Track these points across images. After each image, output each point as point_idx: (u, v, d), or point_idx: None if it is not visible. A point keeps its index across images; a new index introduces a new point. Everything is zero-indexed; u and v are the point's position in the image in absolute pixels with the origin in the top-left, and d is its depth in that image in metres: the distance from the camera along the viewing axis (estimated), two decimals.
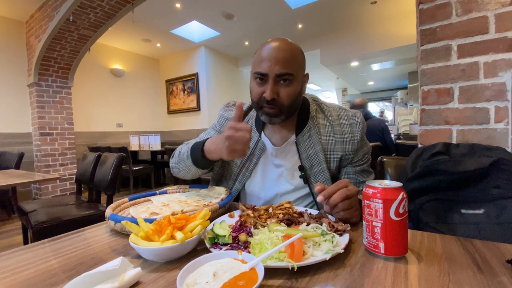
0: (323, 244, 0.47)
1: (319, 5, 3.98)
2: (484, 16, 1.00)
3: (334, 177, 0.83)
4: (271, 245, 0.45)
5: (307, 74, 0.80)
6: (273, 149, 0.84)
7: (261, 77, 0.73)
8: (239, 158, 0.70)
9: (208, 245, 0.50)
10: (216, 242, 0.51)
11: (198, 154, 0.77)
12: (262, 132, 0.87)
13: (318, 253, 0.45)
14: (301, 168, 0.81)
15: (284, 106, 0.74)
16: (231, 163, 0.91)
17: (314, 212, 0.65)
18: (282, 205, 0.66)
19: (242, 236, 0.50)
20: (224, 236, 0.50)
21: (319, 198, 0.57)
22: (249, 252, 0.46)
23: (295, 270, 0.40)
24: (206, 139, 0.78)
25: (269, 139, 0.86)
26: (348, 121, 0.83)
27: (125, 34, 4.71)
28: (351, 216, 0.59)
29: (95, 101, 4.94)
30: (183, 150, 0.85)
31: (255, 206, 0.70)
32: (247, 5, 3.94)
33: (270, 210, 0.65)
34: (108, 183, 1.84)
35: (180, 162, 0.85)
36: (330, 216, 0.62)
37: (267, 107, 0.75)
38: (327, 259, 0.43)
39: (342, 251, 0.45)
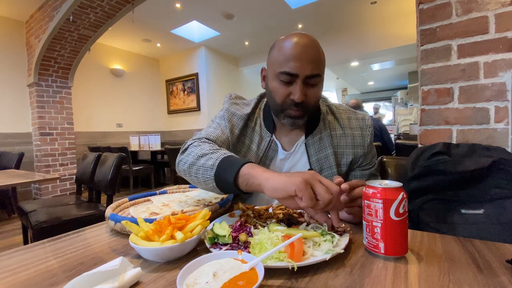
0: (323, 244, 0.47)
1: (319, 5, 3.98)
2: (484, 16, 1.00)
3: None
4: (271, 245, 0.45)
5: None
6: (283, 153, 0.82)
7: (288, 78, 0.68)
8: (306, 213, 0.53)
9: (208, 245, 0.50)
10: (216, 242, 0.51)
11: (230, 176, 0.58)
12: (273, 133, 0.83)
13: (318, 253, 0.45)
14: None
15: (309, 108, 0.72)
16: None
17: None
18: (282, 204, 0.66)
19: (242, 236, 0.50)
20: (224, 236, 0.50)
21: (344, 186, 0.54)
22: (249, 252, 0.46)
23: (295, 270, 0.40)
24: (246, 162, 0.59)
25: (278, 141, 0.83)
26: (359, 124, 0.81)
27: (125, 34, 4.71)
28: (361, 214, 0.58)
29: (95, 101, 4.94)
30: (212, 155, 0.65)
31: (255, 206, 0.70)
32: (247, 5, 3.94)
33: (270, 210, 0.65)
34: (108, 183, 1.84)
35: (196, 167, 0.66)
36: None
37: (294, 109, 0.71)
38: (327, 259, 0.43)
39: (342, 251, 0.45)
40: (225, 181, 0.59)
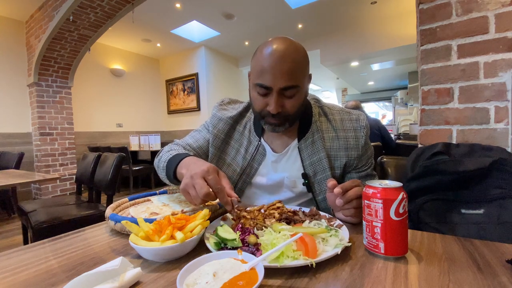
0: (330, 239, 0.48)
1: (319, 5, 3.98)
2: (484, 16, 1.00)
3: (338, 183, 0.82)
4: None
5: (310, 75, 0.75)
6: (273, 155, 0.81)
7: (264, 90, 0.68)
8: (189, 201, 0.60)
9: (214, 252, 0.47)
10: (223, 246, 0.49)
11: (171, 172, 0.70)
12: (262, 137, 0.83)
13: (329, 248, 0.46)
14: (304, 175, 0.78)
15: (289, 116, 0.71)
16: (229, 169, 0.86)
17: (306, 210, 0.65)
18: (274, 204, 0.65)
19: (252, 238, 0.49)
20: (234, 240, 0.48)
21: (337, 190, 0.55)
22: (261, 254, 0.45)
23: (314, 266, 0.41)
24: (185, 156, 0.69)
25: (268, 145, 0.82)
26: (352, 125, 0.79)
27: (125, 34, 4.71)
28: (358, 215, 0.57)
29: (95, 101, 4.94)
30: (163, 157, 0.77)
31: (247, 208, 0.68)
32: (247, 5, 3.94)
33: (262, 210, 0.64)
34: (108, 183, 1.84)
35: (159, 168, 0.80)
36: (322, 213, 0.62)
37: (272, 119, 0.71)
38: (339, 253, 0.44)
39: (350, 244, 0.46)
40: (172, 181, 0.72)
